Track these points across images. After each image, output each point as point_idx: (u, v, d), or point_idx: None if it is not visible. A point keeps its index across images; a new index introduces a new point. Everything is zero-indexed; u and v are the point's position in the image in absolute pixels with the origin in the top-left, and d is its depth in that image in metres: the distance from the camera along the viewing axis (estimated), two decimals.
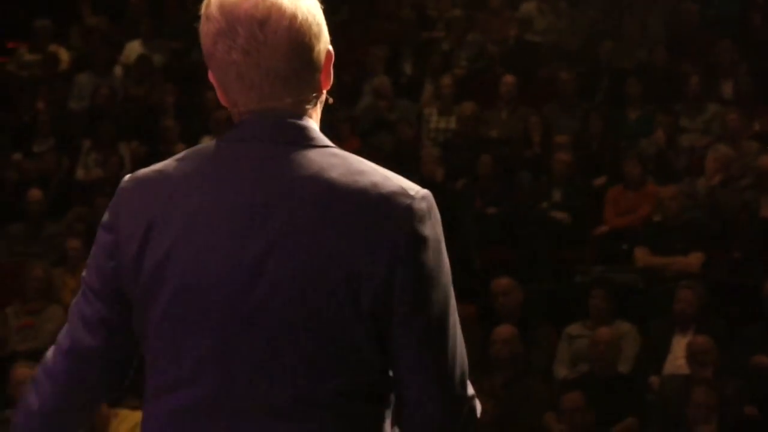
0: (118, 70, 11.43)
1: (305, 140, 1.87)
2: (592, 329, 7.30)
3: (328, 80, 1.94)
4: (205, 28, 1.89)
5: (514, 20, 11.52)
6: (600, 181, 9.14)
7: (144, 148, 10.16)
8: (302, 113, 1.90)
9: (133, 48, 11.57)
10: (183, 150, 1.95)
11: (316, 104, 1.92)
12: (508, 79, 10.16)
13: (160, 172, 1.91)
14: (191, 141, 10.11)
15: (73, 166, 10.24)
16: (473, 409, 1.88)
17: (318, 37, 1.90)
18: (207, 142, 1.96)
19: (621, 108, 9.96)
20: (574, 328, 7.53)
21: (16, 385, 7.16)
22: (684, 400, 6.46)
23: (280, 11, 1.86)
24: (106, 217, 1.92)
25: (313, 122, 1.91)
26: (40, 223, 9.26)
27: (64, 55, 11.75)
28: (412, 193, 1.83)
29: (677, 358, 7.02)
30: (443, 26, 11.83)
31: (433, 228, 1.84)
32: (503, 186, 9.12)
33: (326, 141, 1.89)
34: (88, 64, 11.42)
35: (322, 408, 1.81)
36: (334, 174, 1.82)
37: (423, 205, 1.83)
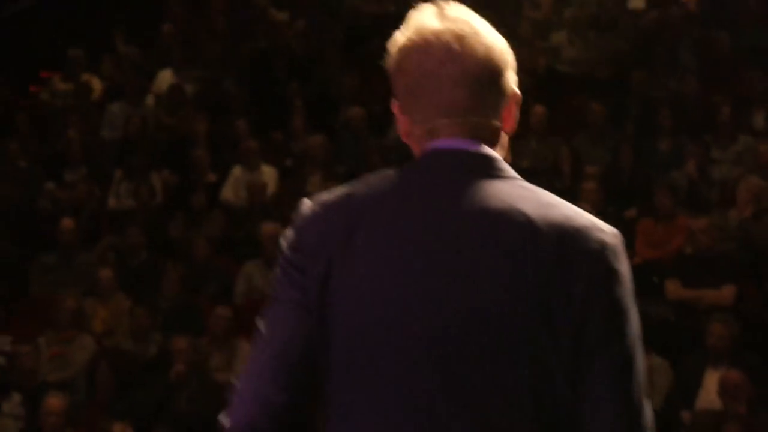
0: (149, 100, 11.48)
1: (494, 171, 1.89)
2: None
3: (511, 121, 1.95)
4: (402, 51, 1.92)
5: (543, 50, 11.51)
6: (631, 212, 9.09)
7: (175, 178, 10.20)
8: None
9: (165, 77, 11.63)
10: (213, 180, 1.93)
11: (497, 143, 1.93)
12: (538, 109, 10.14)
13: (345, 196, 1.90)
14: (222, 170, 10.14)
15: (104, 196, 10.28)
16: None
17: (507, 65, 1.93)
18: (391, 170, 1.96)
19: (651, 138, 9.91)
20: None
21: (47, 415, 7.15)
22: None
23: (477, 33, 1.91)
24: (291, 237, 1.89)
25: (497, 153, 1.92)
26: (71, 252, 9.28)
27: (96, 84, 11.82)
28: (604, 227, 1.87)
29: (709, 392, 6.95)
30: None
31: (624, 264, 1.86)
32: None
33: (514, 173, 1.90)
34: (121, 94, 11.48)
35: None
36: (526, 206, 1.83)
37: (616, 241, 1.87)
